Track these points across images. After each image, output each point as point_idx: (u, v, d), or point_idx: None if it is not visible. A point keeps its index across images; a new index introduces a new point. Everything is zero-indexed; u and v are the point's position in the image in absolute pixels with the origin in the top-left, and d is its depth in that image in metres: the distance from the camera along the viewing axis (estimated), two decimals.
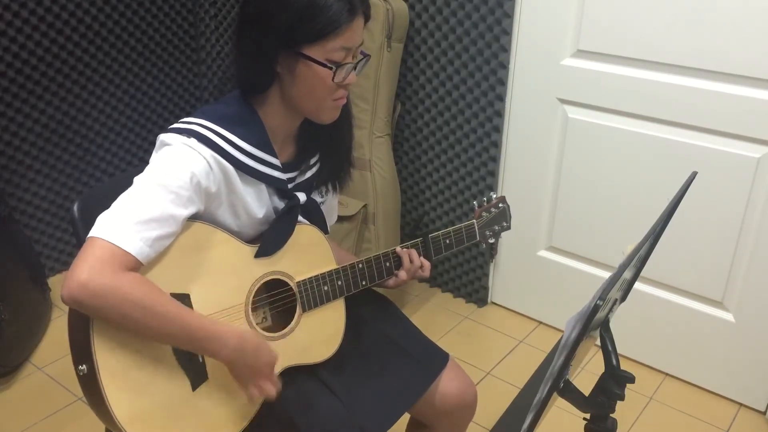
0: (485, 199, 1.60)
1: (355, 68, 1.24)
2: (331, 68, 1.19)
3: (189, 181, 1.13)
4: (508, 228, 1.64)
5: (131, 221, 1.07)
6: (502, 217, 1.61)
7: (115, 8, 2.74)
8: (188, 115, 1.24)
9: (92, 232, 1.07)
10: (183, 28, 3.04)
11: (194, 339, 1.13)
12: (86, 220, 1.30)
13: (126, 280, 1.05)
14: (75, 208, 1.34)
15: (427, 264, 1.48)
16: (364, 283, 1.41)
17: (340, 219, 2.45)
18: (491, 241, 1.60)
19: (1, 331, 2.13)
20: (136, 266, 1.08)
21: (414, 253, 1.45)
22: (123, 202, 1.10)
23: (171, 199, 1.11)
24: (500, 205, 1.61)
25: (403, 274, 1.44)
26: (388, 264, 1.43)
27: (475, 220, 1.57)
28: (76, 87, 2.70)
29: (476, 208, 1.58)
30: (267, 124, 1.27)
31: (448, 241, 1.51)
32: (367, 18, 1.22)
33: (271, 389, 1.21)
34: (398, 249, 1.44)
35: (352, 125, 1.41)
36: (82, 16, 2.64)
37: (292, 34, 1.17)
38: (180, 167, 1.13)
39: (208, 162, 1.16)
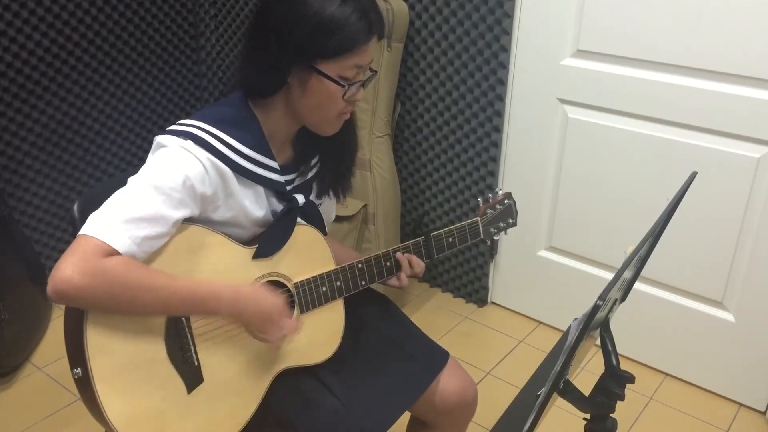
0: (490, 195, 1.56)
1: (363, 85, 1.26)
2: (343, 86, 1.21)
3: (182, 184, 1.13)
4: (514, 224, 1.60)
5: (120, 219, 1.07)
6: (507, 214, 1.58)
7: (115, 8, 2.74)
8: (187, 116, 1.24)
9: (82, 230, 1.07)
10: (183, 28, 3.04)
11: (190, 304, 1.14)
12: (86, 220, 1.30)
13: (110, 263, 1.05)
14: (75, 208, 1.34)
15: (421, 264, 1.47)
16: (363, 283, 1.40)
17: (340, 219, 2.45)
18: (496, 238, 1.57)
19: (1, 331, 2.13)
20: None
21: (414, 258, 1.45)
22: (114, 201, 1.11)
23: (162, 200, 1.11)
24: (506, 201, 1.57)
25: (405, 280, 1.45)
26: (388, 264, 1.43)
27: (479, 218, 1.54)
28: (76, 87, 2.70)
29: (480, 204, 1.56)
30: (266, 128, 1.27)
31: (450, 240, 1.50)
32: (380, 37, 1.23)
33: (289, 327, 1.22)
34: (399, 255, 1.43)
35: (356, 132, 1.40)
36: (82, 16, 2.64)
37: (310, 49, 1.18)
38: (174, 169, 1.13)
39: (204, 165, 1.16)
